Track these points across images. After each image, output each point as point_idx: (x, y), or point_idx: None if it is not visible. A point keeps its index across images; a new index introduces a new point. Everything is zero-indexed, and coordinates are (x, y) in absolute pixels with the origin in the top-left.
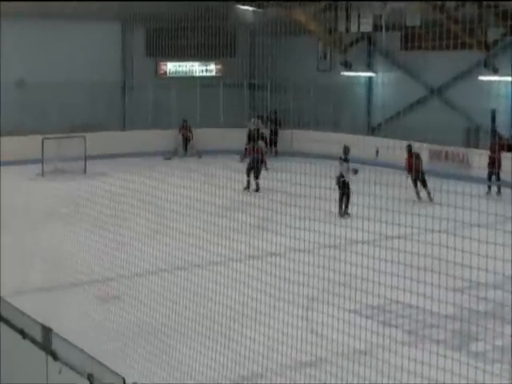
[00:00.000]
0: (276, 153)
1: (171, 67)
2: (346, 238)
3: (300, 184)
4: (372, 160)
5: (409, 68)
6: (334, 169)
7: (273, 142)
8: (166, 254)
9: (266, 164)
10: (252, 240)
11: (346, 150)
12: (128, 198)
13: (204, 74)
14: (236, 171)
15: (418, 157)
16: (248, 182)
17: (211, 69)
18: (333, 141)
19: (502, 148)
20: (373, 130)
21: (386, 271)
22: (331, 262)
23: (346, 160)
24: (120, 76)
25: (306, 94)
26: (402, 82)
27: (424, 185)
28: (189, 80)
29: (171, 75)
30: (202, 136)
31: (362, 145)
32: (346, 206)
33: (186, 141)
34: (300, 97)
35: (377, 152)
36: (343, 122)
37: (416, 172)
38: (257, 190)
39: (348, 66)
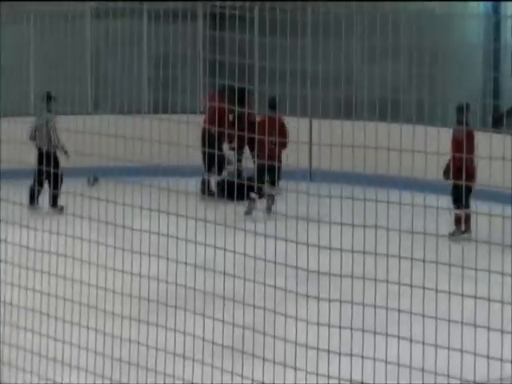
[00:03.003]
0: (271, 204)
1: None
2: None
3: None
4: None
5: None
6: None
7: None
8: None
9: None
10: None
11: None
12: None
13: None
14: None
15: None
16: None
17: None
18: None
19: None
20: (497, 122)
21: None
22: None
23: None
24: None
25: (345, 38)
26: None
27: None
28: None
29: None
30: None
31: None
32: None
33: None
34: (328, 43)
35: None
36: (426, 100)
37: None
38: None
39: None
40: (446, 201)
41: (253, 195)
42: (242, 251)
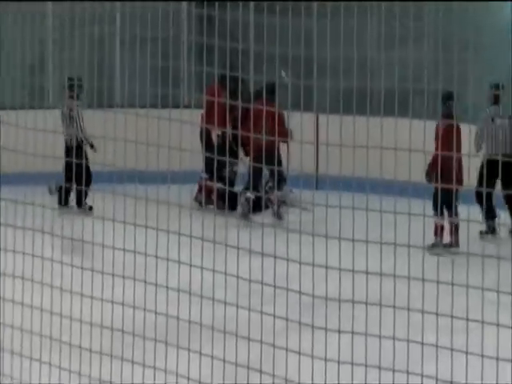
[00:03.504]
0: (278, 209)
1: None
2: None
3: None
4: None
5: None
6: None
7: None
8: None
9: None
10: None
11: None
12: None
13: None
14: None
15: None
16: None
17: None
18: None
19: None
20: None
21: None
22: None
23: None
24: None
25: (358, 20)
26: None
27: None
28: None
29: None
30: None
31: None
32: None
33: None
34: (338, 25)
35: None
36: (455, 92)
37: None
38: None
39: None
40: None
41: (248, 195)
42: (234, 272)
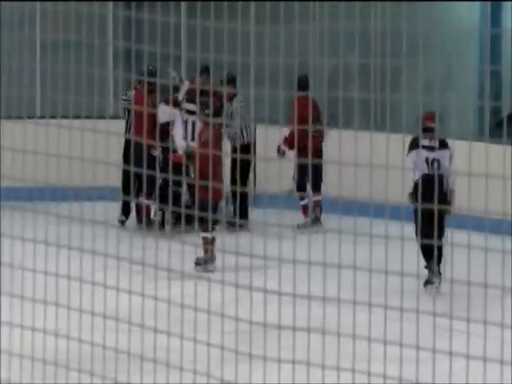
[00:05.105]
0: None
1: None
2: None
3: None
4: None
5: None
6: None
7: None
8: None
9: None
10: None
11: None
12: None
13: None
14: None
15: None
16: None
17: None
18: None
19: None
20: (496, 129)
21: None
22: None
23: None
24: None
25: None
26: None
27: None
28: None
29: None
30: None
31: None
32: None
33: None
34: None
35: None
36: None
37: None
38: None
39: None
40: None
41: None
42: (165, 297)
